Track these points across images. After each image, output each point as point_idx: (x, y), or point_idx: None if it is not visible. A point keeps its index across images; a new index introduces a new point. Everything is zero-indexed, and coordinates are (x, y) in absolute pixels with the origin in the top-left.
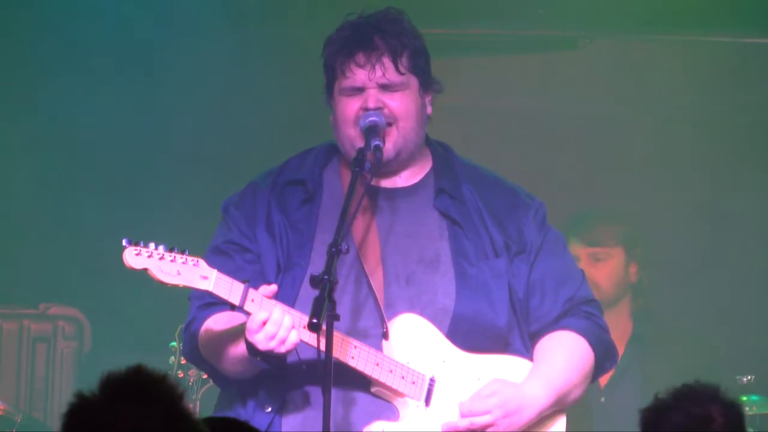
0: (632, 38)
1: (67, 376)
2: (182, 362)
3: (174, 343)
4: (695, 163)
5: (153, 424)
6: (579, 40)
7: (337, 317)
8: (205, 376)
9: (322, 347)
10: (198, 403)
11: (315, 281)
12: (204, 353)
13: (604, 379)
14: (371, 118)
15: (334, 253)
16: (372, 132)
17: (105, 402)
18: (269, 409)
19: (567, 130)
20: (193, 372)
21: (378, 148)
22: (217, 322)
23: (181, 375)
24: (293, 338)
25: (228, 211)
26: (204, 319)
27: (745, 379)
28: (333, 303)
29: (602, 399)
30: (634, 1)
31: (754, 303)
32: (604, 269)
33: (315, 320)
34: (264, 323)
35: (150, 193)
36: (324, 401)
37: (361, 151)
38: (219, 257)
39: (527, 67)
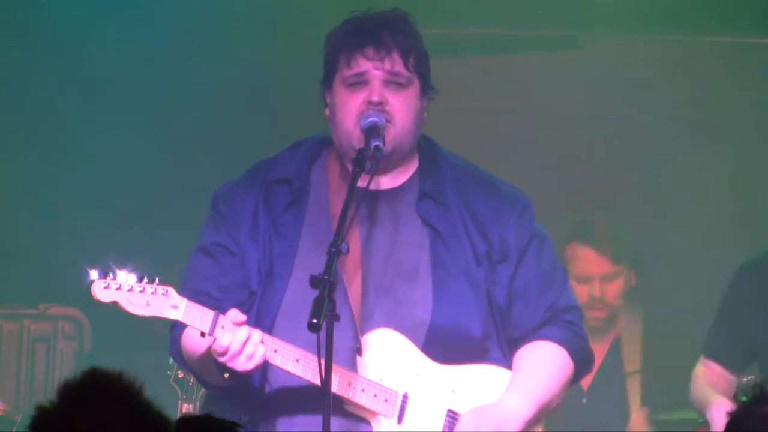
0: (632, 38)
1: (67, 376)
2: None
3: None
4: (696, 163)
5: (111, 420)
6: (579, 40)
7: (337, 317)
8: None
9: (309, 354)
10: (197, 403)
11: (315, 281)
12: (185, 357)
13: (586, 382)
14: (372, 119)
15: (334, 253)
16: (372, 132)
17: (63, 408)
18: (246, 419)
19: (567, 130)
20: None
21: (378, 149)
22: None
23: (181, 375)
24: (260, 352)
25: (217, 207)
26: None
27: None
28: (333, 303)
29: (584, 401)
30: (634, 1)
31: None
32: (614, 286)
33: (315, 320)
34: (228, 346)
35: (150, 193)
36: (324, 401)
37: (361, 152)
38: (205, 258)
39: (527, 67)
